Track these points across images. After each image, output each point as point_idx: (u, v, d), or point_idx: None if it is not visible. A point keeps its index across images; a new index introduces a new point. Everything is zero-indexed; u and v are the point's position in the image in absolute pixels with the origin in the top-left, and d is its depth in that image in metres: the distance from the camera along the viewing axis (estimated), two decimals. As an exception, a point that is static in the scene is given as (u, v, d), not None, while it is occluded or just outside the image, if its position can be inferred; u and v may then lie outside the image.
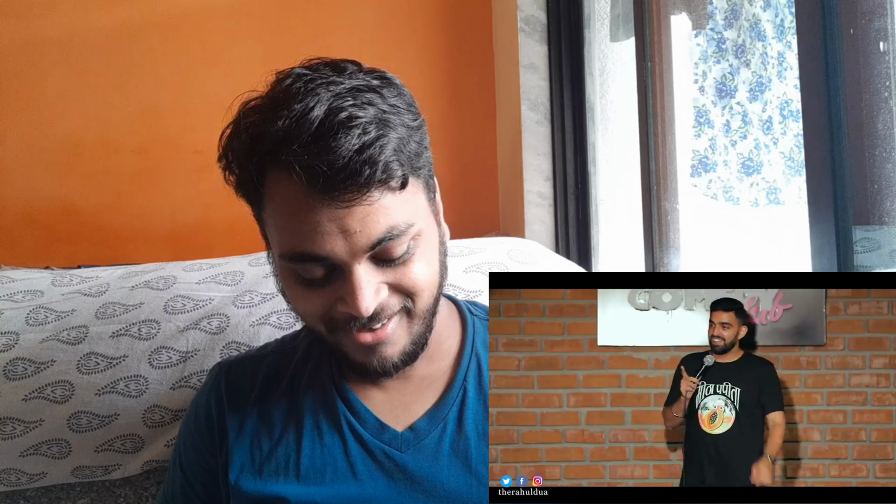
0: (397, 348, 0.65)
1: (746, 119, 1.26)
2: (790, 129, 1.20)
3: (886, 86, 0.81)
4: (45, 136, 1.86)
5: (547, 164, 1.72)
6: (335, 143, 0.55)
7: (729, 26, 1.31)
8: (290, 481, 0.67)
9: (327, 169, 0.55)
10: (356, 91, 0.59)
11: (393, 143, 0.58)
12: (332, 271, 0.61)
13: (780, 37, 1.19)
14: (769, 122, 1.24)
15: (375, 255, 0.60)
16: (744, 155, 1.26)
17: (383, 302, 0.62)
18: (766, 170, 1.25)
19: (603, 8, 1.62)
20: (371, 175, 0.57)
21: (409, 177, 0.61)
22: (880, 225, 0.82)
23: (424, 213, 0.64)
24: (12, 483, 0.91)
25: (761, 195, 1.27)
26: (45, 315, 0.94)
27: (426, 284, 0.64)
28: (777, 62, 1.20)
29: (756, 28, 1.24)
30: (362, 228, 0.58)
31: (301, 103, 0.57)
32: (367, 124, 0.57)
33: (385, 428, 0.68)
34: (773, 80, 1.22)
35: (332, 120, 0.56)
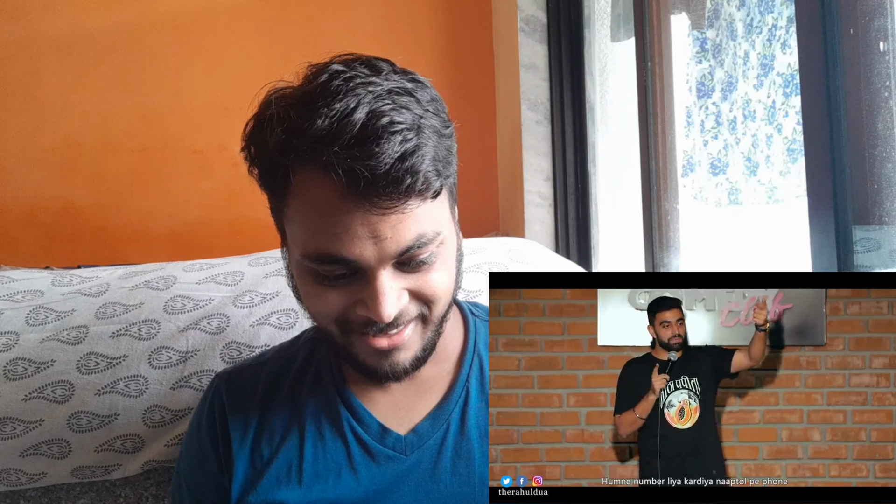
0: (410, 354, 0.65)
1: (747, 114, 1.25)
2: (749, 129, 1.20)
3: (886, 86, 0.81)
4: (45, 136, 1.86)
5: (547, 164, 1.72)
6: (378, 148, 0.54)
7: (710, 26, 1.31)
8: (292, 487, 0.67)
9: (368, 174, 0.54)
10: (394, 94, 0.58)
11: (431, 151, 0.58)
12: (354, 273, 0.60)
13: (748, 36, 1.18)
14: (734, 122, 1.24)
15: (400, 261, 0.60)
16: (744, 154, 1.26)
17: (403, 308, 0.61)
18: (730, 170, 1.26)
19: (603, 8, 1.62)
20: (412, 184, 0.56)
21: (442, 186, 0.61)
22: (880, 225, 0.82)
23: (448, 221, 0.64)
24: (12, 483, 0.91)
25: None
26: (45, 315, 0.94)
27: (444, 292, 0.64)
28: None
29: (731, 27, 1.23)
30: (393, 235, 0.57)
31: (341, 103, 0.56)
32: (406, 130, 0.56)
33: (388, 432, 0.68)
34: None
35: (374, 124, 0.55)
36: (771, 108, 1.13)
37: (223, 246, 1.78)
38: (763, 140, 1.15)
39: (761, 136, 1.15)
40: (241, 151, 0.62)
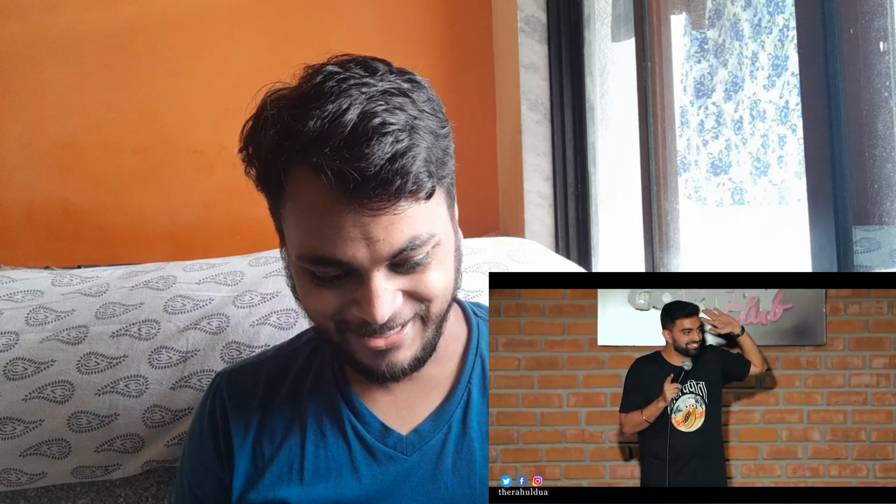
0: (408, 353, 0.64)
1: (756, 114, 1.24)
2: (758, 129, 1.19)
3: (886, 86, 0.81)
4: (45, 136, 1.86)
5: (547, 164, 1.72)
6: (368, 149, 0.54)
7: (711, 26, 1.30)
8: (293, 485, 0.67)
9: (358, 175, 0.54)
10: (388, 95, 0.58)
11: (423, 153, 0.58)
12: (349, 273, 0.60)
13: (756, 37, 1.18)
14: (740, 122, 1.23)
15: (394, 262, 0.60)
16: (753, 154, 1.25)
17: (398, 309, 0.61)
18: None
19: (603, 8, 1.63)
20: (402, 186, 0.56)
21: (436, 187, 0.60)
22: (880, 225, 0.82)
23: (444, 222, 0.64)
24: (12, 483, 0.91)
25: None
26: (45, 315, 0.94)
27: (441, 291, 0.64)
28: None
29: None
30: (385, 237, 0.57)
31: (334, 104, 0.56)
32: (398, 132, 0.56)
33: (389, 432, 0.68)
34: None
35: (365, 125, 0.55)
36: (784, 109, 1.13)
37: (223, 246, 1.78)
38: (775, 140, 1.14)
39: (773, 137, 1.15)
40: (239, 153, 0.62)
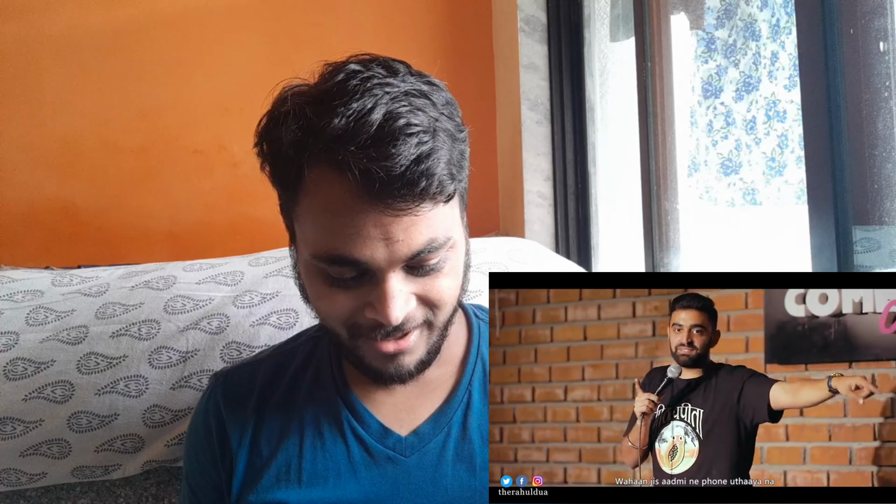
0: (415, 357, 0.64)
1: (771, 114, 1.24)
2: (775, 129, 1.19)
3: (886, 86, 0.81)
4: (45, 136, 1.86)
5: (547, 164, 1.72)
6: (394, 149, 0.54)
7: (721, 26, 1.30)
8: (291, 486, 0.67)
9: (384, 175, 0.54)
10: (410, 96, 0.58)
11: (445, 155, 0.58)
12: (364, 275, 0.59)
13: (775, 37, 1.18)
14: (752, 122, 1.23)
15: (410, 264, 0.59)
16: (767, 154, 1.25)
17: (410, 313, 0.61)
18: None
19: (603, 8, 1.62)
20: (427, 187, 0.56)
21: (456, 190, 0.61)
22: (880, 225, 0.82)
23: (458, 226, 0.64)
24: (12, 483, 0.91)
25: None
26: (45, 315, 0.94)
27: (450, 298, 0.64)
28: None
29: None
30: (405, 238, 0.57)
31: (358, 102, 0.55)
32: (422, 133, 0.56)
33: (389, 433, 0.68)
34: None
35: (391, 125, 0.55)
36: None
37: (223, 246, 1.78)
38: (794, 140, 1.14)
39: (792, 137, 1.14)
40: (253, 147, 0.62)
